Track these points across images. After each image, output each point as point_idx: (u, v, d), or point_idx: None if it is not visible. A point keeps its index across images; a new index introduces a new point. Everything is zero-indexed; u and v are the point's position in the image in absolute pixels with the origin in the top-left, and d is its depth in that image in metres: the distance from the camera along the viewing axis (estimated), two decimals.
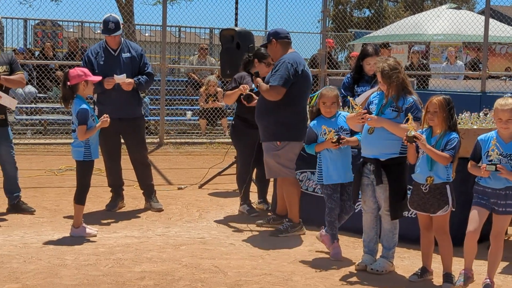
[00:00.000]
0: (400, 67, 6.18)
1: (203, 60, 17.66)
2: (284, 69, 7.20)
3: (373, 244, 6.33)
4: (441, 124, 5.79)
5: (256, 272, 6.14)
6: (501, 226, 5.67)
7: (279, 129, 7.31)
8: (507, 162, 5.49)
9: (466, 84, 12.87)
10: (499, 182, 5.54)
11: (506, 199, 5.56)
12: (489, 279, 5.68)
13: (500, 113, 5.54)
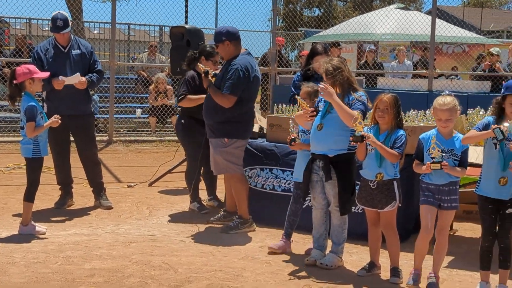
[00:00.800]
0: (344, 66, 6.29)
1: (153, 58, 17.59)
2: (237, 77, 7.23)
3: (322, 240, 6.41)
4: (390, 121, 5.90)
5: (206, 268, 6.17)
6: (446, 222, 5.80)
7: (227, 126, 7.35)
8: (449, 157, 5.61)
9: (414, 83, 13.07)
10: (441, 178, 5.65)
11: (450, 195, 5.68)
12: (434, 273, 5.81)
13: (440, 113, 5.65)
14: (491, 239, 5.55)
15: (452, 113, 5.62)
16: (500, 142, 5.25)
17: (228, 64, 7.40)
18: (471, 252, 6.75)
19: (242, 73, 7.26)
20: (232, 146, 7.38)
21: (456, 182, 5.71)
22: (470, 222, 8.09)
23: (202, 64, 8.16)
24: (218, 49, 7.59)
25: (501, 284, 5.50)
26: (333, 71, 6.16)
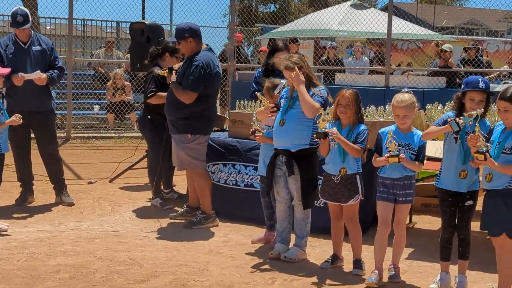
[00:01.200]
0: (303, 62, 6.38)
1: (110, 54, 17.49)
2: (198, 73, 7.27)
3: (286, 233, 6.51)
4: (351, 116, 6.02)
5: (171, 263, 6.22)
6: (402, 215, 5.93)
7: (190, 122, 7.39)
8: (406, 151, 5.74)
9: (371, 79, 13.25)
10: (396, 172, 5.78)
11: (405, 189, 5.81)
12: (394, 265, 5.94)
13: (397, 110, 5.78)
14: (451, 231, 5.69)
15: (409, 110, 5.76)
16: (456, 134, 5.40)
17: (189, 60, 7.44)
18: (430, 243, 6.92)
19: (204, 70, 7.31)
20: (195, 142, 7.43)
21: (411, 177, 5.84)
22: (429, 215, 8.28)
23: (166, 59, 8.20)
24: (180, 46, 7.61)
25: (460, 274, 5.65)
26: (292, 67, 6.25)
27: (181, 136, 7.44)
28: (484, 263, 6.19)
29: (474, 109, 5.40)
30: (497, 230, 5.19)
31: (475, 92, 5.47)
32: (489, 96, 5.52)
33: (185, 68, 7.42)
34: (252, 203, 7.61)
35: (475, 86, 5.47)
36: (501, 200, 5.13)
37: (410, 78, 13.15)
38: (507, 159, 5.08)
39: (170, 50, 8.20)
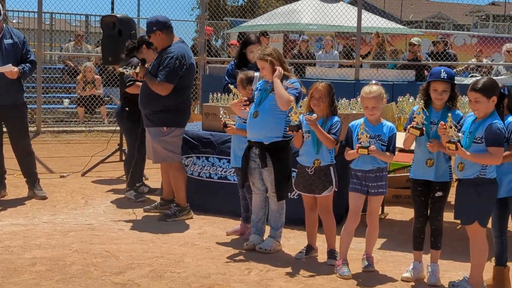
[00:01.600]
0: (277, 53, 6.43)
1: (80, 47, 17.38)
2: (173, 65, 7.29)
3: (261, 224, 6.58)
4: (325, 109, 6.10)
5: (147, 255, 6.25)
6: (375, 206, 6.04)
7: (166, 115, 7.41)
8: (376, 142, 5.84)
9: (341, 72, 13.36)
10: (368, 164, 5.87)
11: (376, 181, 5.90)
12: (367, 254, 6.04)
13: (366, 101, 5.87)
14: (422, 221, 5.80)
15: (378, 101, 5.85)
16: (422, 134, 5.52)
17: (162, 53, 7.46)
18: (402, 234, 7.04)
19: (179, 61, 7.33)
20: (171, 134, 7.46)
21: (382, 169, 5.93)
22: (400, 206, 8.41)
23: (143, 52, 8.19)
24: (151, 39, 7.62)
25: (433, 263, 5.76)
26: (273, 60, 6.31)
27: (157, 129, 7.46)
28: (455, 253, 6.32)
29: (438, 99, 5.54)
30: (470, 218, 5.30)
31: (438, 82, 5.58)
32: (454, 86, 5.64)
33: (158, 61, 7.44)
34: (226, 196, 7.67)
35: (437, 77, 5.59)
36: (472, 189, 5.25)
37: (379, 71, 13.27)
38: (478, 149, 5.20)
39: (147, 43, 8.21)
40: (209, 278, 5.66)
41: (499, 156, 5.17)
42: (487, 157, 5.16)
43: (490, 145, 5.16)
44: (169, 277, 5.66)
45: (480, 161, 5.19)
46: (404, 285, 5.65)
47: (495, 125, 5.18)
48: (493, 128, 5.17)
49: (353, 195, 5.95)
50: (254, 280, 5.66)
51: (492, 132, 5.16)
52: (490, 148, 5.16)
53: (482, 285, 5.40)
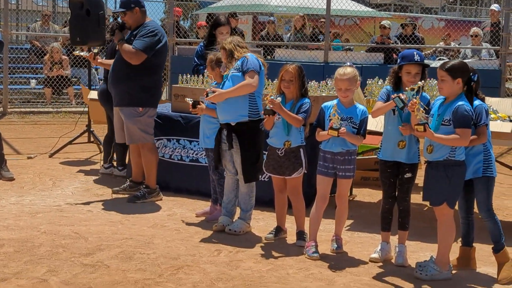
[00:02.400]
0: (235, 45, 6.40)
1: (47, 27, 17.17)
2: (150, 36, 7.28)
3: (231, 206, 6.59)
4: (295, 91, 6.11)
5: (117, 236, 6.23)
6: (344, 189, 6.08)
7: (141, 95, 7.38)
8: (347, 125, 5.87)
9: (310, 55, 13.36)
10: (337, 146, 5.90)
11: (344, 164, 5.94)
12: (337, 236, 6.10)
13: (340, 83, 5.89)
14: (391, 202, 5.86)
15: (351, 83, 5.87)
16: (402, 110, 5.54)
17: (136, 31, 7.39)
18: (370, 215, 7.11)
19: (155, 35, 7.31)
20: (146, 115, 7.43)
21: (352, 152, 5.96)
22: (368, 188, 8.48)
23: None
24: (126, 17, 7.51)
25: (400, 244, 5.82)
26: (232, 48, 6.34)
27: (132, 109, 7.41)
28: (422, 234, 6.41)
29: (411, 81, 5.58)
30: (439, 200, 5.36)
31: (411, 65, 5.63)
32: (424, 68, 5.69)
33: (132, 35, 7.37)
34: (197, 178, 7.67)
35: (411, 60, 5.63)
36: (442, 171, 5.30)
37: (348, 54, 13.30)
38: (446, 131, 5.26)
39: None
40: (179, 259, 5.67)
41: (466, 137, 5.23)
42: (454, 139, 5.22)
43: (458, 127, 5.22)
44: (139, 258, 5.66)
45: (448, 143, 5.24)
46: (372, 266, 5.71)
47: (462, 107, 5.23)
48: (460, 110, 5.22)
49: (321, 179, 5.99)
50: (223, 261, 5.68)
51: (459, 114, 5.22)
52: (457, 130, 5.22)
53: (449, 265, 5.47)
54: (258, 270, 5.48)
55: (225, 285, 5.12)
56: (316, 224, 6.03)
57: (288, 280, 5.28)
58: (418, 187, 7.64)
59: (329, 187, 6.03)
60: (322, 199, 6.00)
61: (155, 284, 5.10)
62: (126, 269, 5.40)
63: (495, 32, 13.25)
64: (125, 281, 5.13)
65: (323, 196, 5.99)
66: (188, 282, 5.15)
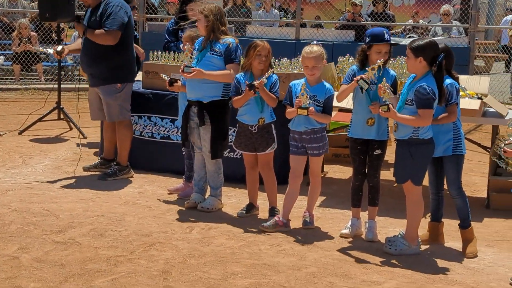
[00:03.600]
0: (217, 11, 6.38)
1: (15, 3, 16.91)
2: (116, 13, 7.24)
3: (202, 183, 6.61)
4: (267, 67, 6.14)
5: (88, 214, 6.23)
6: (316, 166, 6.12)
7: (118, 71, 7.38)
8: (312, 103, 5.90)
9: (282, 31, 13.36)
10: (301, 125, 5.95)
11: (312, 143, 5.99)
12: (309, 212, 6.15)
13: (307, 61, 5.93)
14: (361, 178, 5.92)
15: (318, 61, 5.91)
16: (365, 90, 5.60)
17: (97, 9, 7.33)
18: (341, 192, 7.18)
19: (120, 8, 7.29)
20: (125, 90, 7.45)
21: (317, 130, 5.99)
22: (339, 164, 8.53)
23: None
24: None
25: (370, 219, 5.89)
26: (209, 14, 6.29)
27: (110, 86, 7.39)
28: (391, 209, 6.49)
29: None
30: (404, 177, 5.44)
31: (382, 45, 5.68)
32: (391, 47, 5.74)
33: (96, 16, 7.31)
34: (168, 155, 7.67)
35: (382, 40, 5.68)
36: (406, 149, 5.37)
37: (319, 31, 13.32)
38: (410, 110, 5.31)
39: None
40: (151, 236, 5.69)
41: (427, 118, 5.28)
42: (415, 119, 5.27)
43: (419, 107, 5.27)
44: (110, 236, 5.66)
45: (410, 123, 5.30)
46: (342, 241, 5.78)
47: (422, 87, 5.28)
48: (420, 90, 5.27)
49: (292, 158, 6.06)
50: (196, 238, 5.71)
51: (420, 94, 5.27)
52: (419, 110, 5.27)
53: (417, 240, 5.56)
54: (230, 247, 5.52)
55: (197, 262, 5.15)
56: (290, 202, 6.10)
57: (260, 256, 5.33)
58: (388, 163, 7.74)
59: (302, 165, 6.08)
60: (294, 176, 6.06)
61: (127, 261, 5.12)
62: (98, 246, 5.41)
63: (465, 10, 13.34)
64: (97, 258, 5.14)
65: (295, 174, 6.05)
66: (161, 259, 5.18)
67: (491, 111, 6.88)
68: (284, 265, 5.16)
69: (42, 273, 4.83)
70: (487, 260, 5.46)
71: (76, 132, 9.60)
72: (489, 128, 8.38)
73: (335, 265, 5.20)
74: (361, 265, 5.24)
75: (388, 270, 5.17)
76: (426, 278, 5.02)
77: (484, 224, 6.44)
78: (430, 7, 19.92)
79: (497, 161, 6.76)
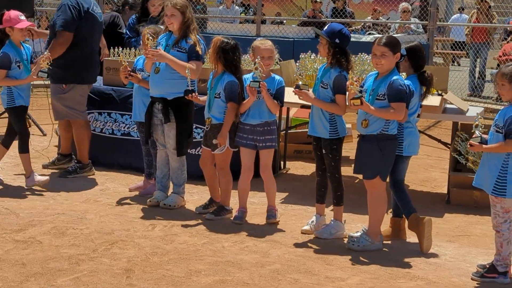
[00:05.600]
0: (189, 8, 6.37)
1: None
2: (65, 12, 7.13)
3: (165, 180, 6.57)
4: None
5: (49, 212, 6.15)
6: (266, 160, 6.12)
7: (65, 72, 7.23)
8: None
9: (243, 28, 13.36)
10: (255, 118, 6.00)
11: (264, 135, 6.01)
12: (271, 206, 6.15)
13: (264, 51, 5.99)
14: (321, 174, 5.93)
15: (272, 52, 6.04)
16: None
17: None
18: (304, 188, 7.19)
19: (71, 7, 7.15)
20: (71, 91, 7.29)
21: (270, 123, 6.04)
22: (301, 161, 8.54)
23: None
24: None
25: (334, 218, 5.87)
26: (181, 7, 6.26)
27: (56, 86, 7.29)
28: (354, 205, 6.50)
29: (321, 53, 5.78)
30: (372, 173, 5.45)
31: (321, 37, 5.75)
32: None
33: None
34: (129, 152, 7.61)
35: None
36: (376, 144, 5.39)
37: (280, 27, 13.34)
38: (381, 105, 5.35)
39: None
40: (113, 234, 5.63)
41: (401, 111, 5.33)
42: (390, 112, 5.32)
43: (393, 101, 5.31)
44: (72, 234, 5.60)
45: (384, 115, 5.32)
46: (306, 238, 5.78)
47: (396, 81, 5.33)
48: (395, 85, 5.32)
49: (243, 150, 6.11)
50: (158, 235, 5.67)
51: (394, 88, 5.31)
52: (393, 104, 5.31)
53: (380, 236, 5.59)
54: (193, 244, 5.49)
55: (160, 260, 5.12)
56: (244, 194, 6.15)
57: (223, 253, 5.31)
58: (349, 159, 7.79)
59: (252, 158, 6.13)
60: (245, 171, 6.13)
61: (89, 260, 5.06)
62: (59, 244, 5.35)
63: (424, 7, 13.47)
64: (59, 257, 5.08)
65: (246, 167, 6.12)
66: (123, 257, 5.13)
67: (451, 107, 6.95)
68: (247, 262, 5.16)
69: (2, 272, 4.75)
70: (449, 255, 5.52)
71: (36, 129, 9.47)
72: (449, 124, 8.49)
73: (298, 262, 5.21)
74: (324, 261, 5.26)
75: (351, 266, 5.19)
76: (389, 274, 5.06)
77: (445, 220, 6.51)
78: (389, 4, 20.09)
79: (457, 157, 6.86)
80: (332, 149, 5.74)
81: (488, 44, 14.07)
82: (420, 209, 5.93)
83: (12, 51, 6.80)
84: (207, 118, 6.14)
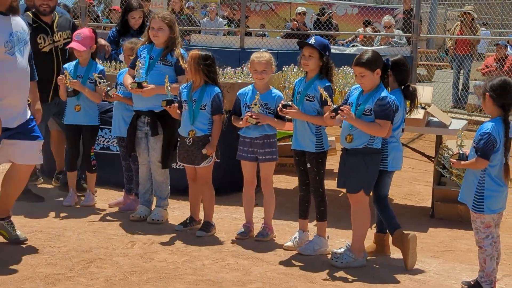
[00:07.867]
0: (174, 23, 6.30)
1: None
2: None
3: (148, 195, 6.49)
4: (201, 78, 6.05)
5: (25, 229, 6.00)
6: (267, 173, 6.03)
7: None
8: (263, 110, 5.85)
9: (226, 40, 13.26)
10: (255, 131, 5.89)
11: (264, 148, 5.92)
12: (265, 224, 6.06)
13: (257, 65, 5.88)
14: (304, 189, 5.85)
15: (267, 66, 5.88)
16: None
17: None
18: (287, 202, 7.07)
19: None
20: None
21: (270, 136, 5.95)
22: (285, 174, 8.45)
23: None
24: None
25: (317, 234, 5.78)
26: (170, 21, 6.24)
27: None
28: (337, 220, 6.41)
29: (304, 64, 5.65)
30: (357, 187, 5.37)
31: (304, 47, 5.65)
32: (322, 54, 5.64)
33: None
34: (109, 166, 7.47)
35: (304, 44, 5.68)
36: (361, 158, 5.31)
37: (264, 40, 13.26)
38: (368, 120, 5.27)
39: None
40: (91, 252, 5.51)
41: (385, 128, 5.27)
42: (375, 127, 5.24)
43: (380, 118, 5.24)
44: (49, 252, 5.47)
45: (368, 129, 5.24)
46: (289, 254, 5.68)
47: (386, 99, 5.27)
48: (384, 102, 5.26)
49: (244, 163, 6.01)
50: (137, 253, 5.55)
51: (383, 105, 5.25)
52: (378, 120, 5.24)
53: (363, 252, 5.50)
54: (173, 262, 5.38)
55: (139, 279, 5.00)
56: (249, 207, 6.08)
57: (204, 272, 5.20)
58: (333, 173, 7.69)
59: (253, 171, 6.04)
60: (248, 183, 6.04)
61: (66, 279, 4.94)
62: (35, 263, 5.22)
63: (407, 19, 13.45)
64: (34, 277, 4.95)
65: (249, 180, 6.04)
66: (101, 276, 5.01)
67: (434, 120, 6.89)
68: (228, 280, 5.04)
69: None
70: (433, 272, 5.43)
71: None
72: (433, 137, 8.42)
73: (280, 280, 5.10)
74: (307, 279, 5.15)
75: (334, 284, 5.09)
76: None
77: (429, 234, 6.43)
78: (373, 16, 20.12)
79: (441, 170, 6.79)
80: (318, 163, 5.67)
81: (472, 56, 14.06)
82: (404, 223, 5.86)
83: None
84: (190, 130, 6.02)
